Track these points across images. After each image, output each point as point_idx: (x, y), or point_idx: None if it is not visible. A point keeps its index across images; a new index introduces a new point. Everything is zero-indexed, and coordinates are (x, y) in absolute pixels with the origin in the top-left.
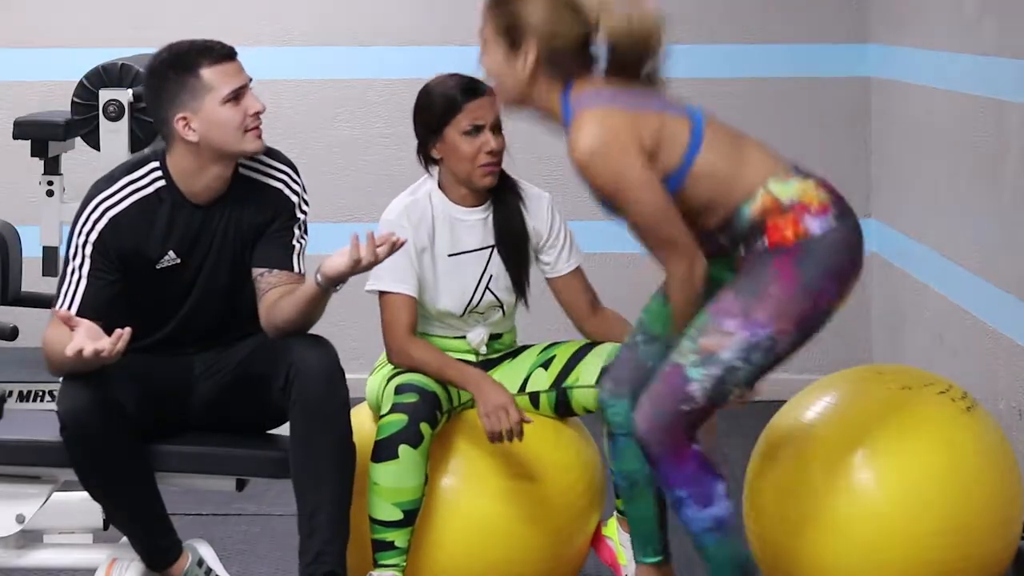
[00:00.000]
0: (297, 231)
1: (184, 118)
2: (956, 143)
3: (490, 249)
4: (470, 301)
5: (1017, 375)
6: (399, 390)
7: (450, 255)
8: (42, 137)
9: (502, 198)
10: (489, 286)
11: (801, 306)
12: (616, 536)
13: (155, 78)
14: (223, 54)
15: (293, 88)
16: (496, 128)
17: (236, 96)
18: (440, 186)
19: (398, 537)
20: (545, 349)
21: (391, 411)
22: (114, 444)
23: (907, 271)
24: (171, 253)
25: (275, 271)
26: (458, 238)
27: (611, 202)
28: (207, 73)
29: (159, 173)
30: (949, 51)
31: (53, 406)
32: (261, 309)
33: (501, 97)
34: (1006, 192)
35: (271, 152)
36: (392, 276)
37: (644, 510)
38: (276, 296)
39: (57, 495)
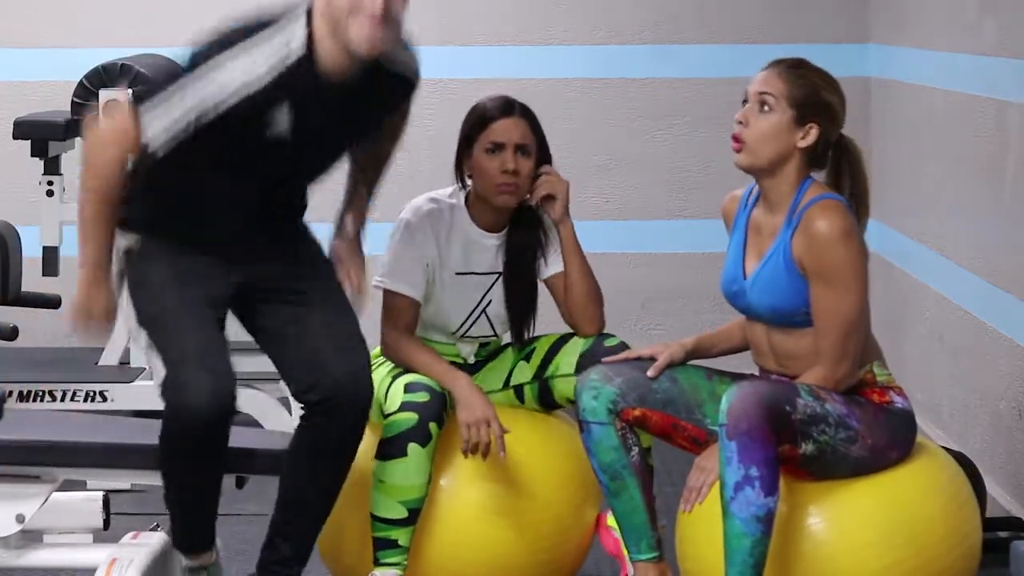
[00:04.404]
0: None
1: None
2: (956, 143)
3: (496, 276)
4: (463, 323)
5: (1017, 375)
6: (409, 388)
7: (457, 273)
8: (42, 137)
9: (520, 226)
10: (486, 310)
11: (881, 437)
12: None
13: None
14: None
15: None
16: (520, 150)
17: None
18: (466, 203)
19: (402, 535)
20: (527, 343)
21: (401, 409)
22: (221, 439)
23: (907, 271)
24: (283, 127)
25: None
26: (469, 258)
27: (831, 283)
28: None
29: (304, 34)
30: (949, 51)
31: (53, 406)
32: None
33: (749, 156)
34: (1006, 192)
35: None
36: (402, 278)
37: (631, 502)
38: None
39: (57, 495)
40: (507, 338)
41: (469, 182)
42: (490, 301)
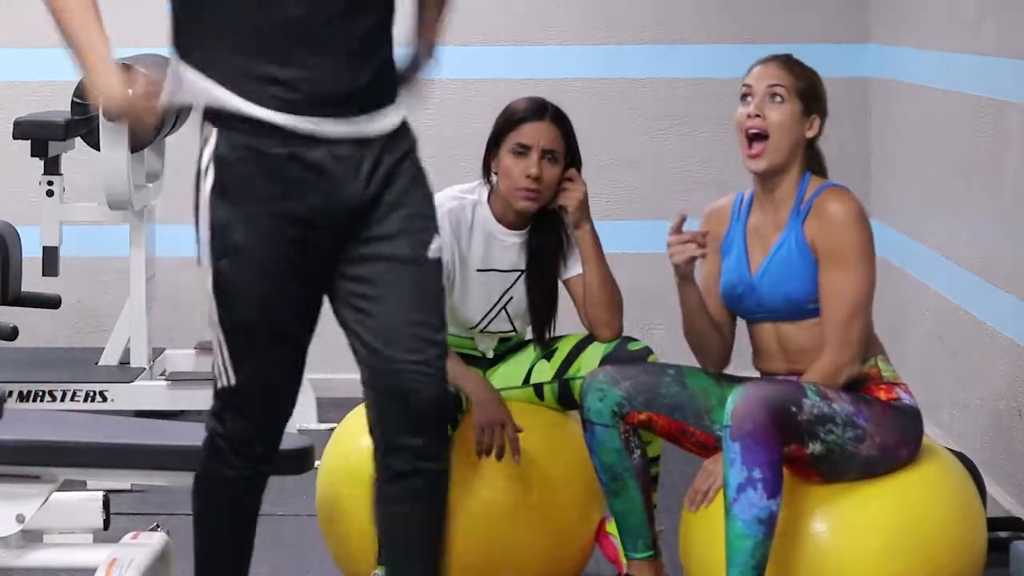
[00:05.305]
0: None
1: None
2: (956, 143)
3: (518, 274)
4: (483, 319)
5: (1017, 375)
6: None
7: (479, 270)
8: (42, 137)
9: (543, 226)
10: (506, 307)
11: (890, 435)
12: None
13: None
14: None
15: None
16: (547, 156)
17: None
18: (489, 199)
19: None
20: (549, 343)
21: None
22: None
23: (907, 271)
24: None
25: None
26: (491, 255)
27: (841, 263)
28: None
29: None
30: (949, 51)
31: (53, 406)
32: None
33: (772, 152)
34: (1006, 192)
35: None
36: None
37: (630, 503)
38: None
39: (57, 495)
40: (528, 334)
41: (495, 179)
42: (511, 298)
